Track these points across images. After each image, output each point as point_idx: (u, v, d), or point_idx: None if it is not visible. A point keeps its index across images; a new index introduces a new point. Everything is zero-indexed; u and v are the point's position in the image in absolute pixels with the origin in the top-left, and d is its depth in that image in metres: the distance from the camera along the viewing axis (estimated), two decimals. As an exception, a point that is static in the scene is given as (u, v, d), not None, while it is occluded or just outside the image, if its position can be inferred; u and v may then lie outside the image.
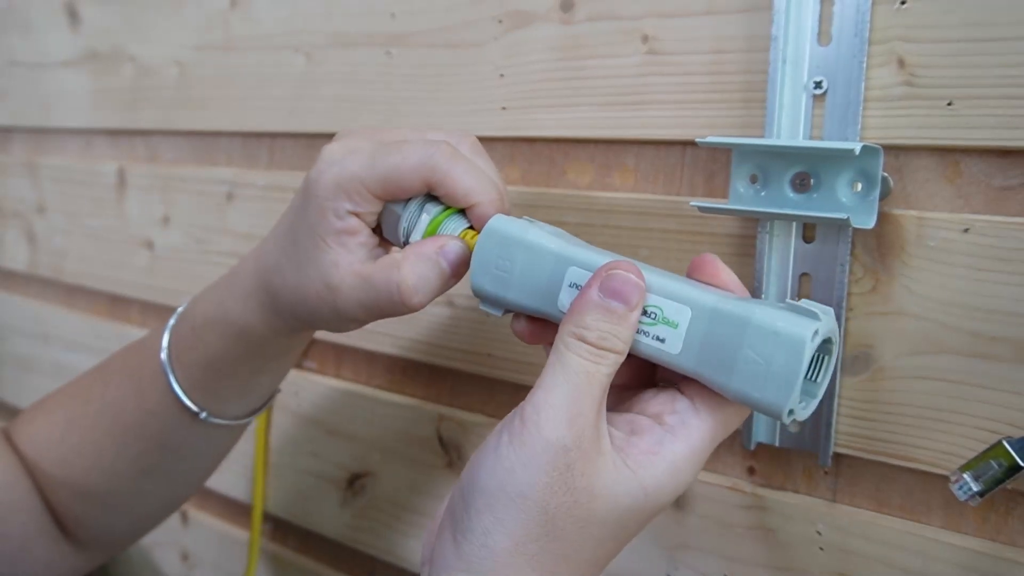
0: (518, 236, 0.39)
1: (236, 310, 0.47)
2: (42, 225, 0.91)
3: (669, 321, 0.36)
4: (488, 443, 0.36)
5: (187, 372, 0.49)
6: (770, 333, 0.33)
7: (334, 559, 0.69)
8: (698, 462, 0.36)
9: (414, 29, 0.58)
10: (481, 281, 0.40)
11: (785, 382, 0.33)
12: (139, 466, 0.52)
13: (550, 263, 0.38)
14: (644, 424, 0.36)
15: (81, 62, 0.84)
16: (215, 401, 0.50)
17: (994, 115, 0.38)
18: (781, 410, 0.33)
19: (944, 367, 0.41)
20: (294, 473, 0.70)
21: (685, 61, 0.47)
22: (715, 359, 0.35)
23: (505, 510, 0.34)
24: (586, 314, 0.35)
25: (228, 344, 0.48)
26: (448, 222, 0.42)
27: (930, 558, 0.42)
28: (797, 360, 0.33)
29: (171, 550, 0.82)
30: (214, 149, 0.75)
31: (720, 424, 0.37)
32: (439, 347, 0.59)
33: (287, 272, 0.44)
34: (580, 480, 0.34)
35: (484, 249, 0.40)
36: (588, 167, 0.52)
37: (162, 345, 0.50)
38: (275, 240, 0.46)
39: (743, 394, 0.34)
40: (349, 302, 0.42)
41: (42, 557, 0.53)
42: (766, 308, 0.34)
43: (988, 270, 0.39)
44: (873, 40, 0.41)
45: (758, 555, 0.47)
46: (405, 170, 0.41)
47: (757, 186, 0.43)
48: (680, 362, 0.36)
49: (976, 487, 0.38)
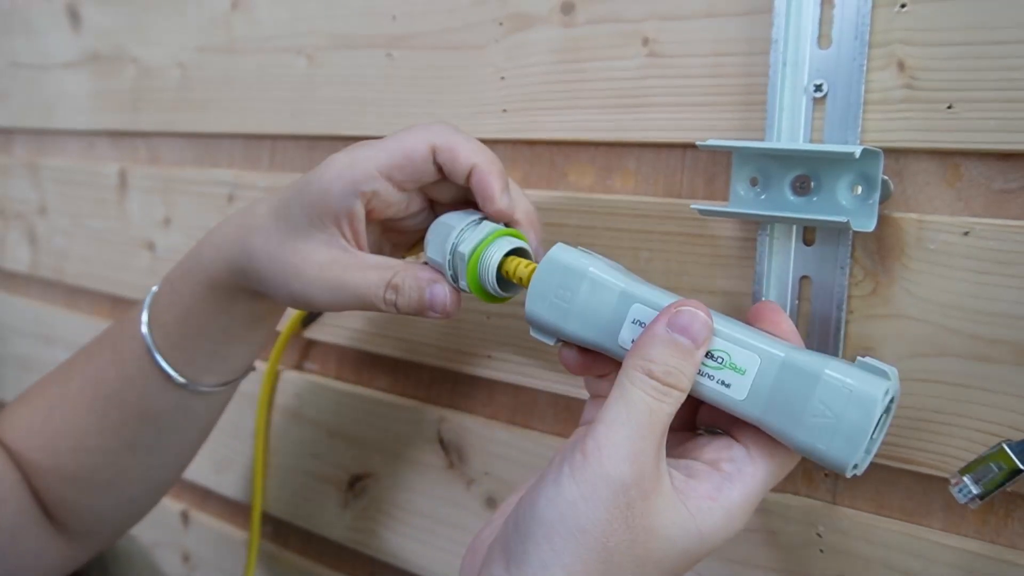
0: (582, 269, 0.39)
1: (209, 259, 0.48)
2: (44, 226, 0.91)
3: (736, 367, 0.36)
4: (547, 475, 0.36)
5: (163, 331, 0.50)
6: (842, 389, 0.34)
7: (335, 560, 0.69)
8: (751, 509, 0.37)
9: (415, 31, 0.58)
10: (538, 309, 0.40)
11: (853, 438, 0.34)
12: (121, 438, 0.52)
13: (614, 298, 0.39)
14: (702, 470, 0.37)
15: (83, 64, 0.84)
16: (189, 366, 0.51)
17: (994, 118, 0.39)
18: (846, 465, 0.34)
19: (944, 370, 0.41)
20: (295, 474, 0.70)
21: (686, 63, 0.47)
22: (782, 409, 0.35)
23: (564, 544, 0.34)
24: (652, 348, 0.36)
25: (198, 295, 0.49)
26: (492, 245, 0.42)
27: (930, 560, 0.42)
28: (868, 418, 0.34)
29: (172, 551, 0.82)
30: (215, 151, 0.75)
31: (772, 472, 0.37)
32: (440, 349, 0.60)
33: (272, 238, 0.45)
34: (640, 519, 0.34)
35: (544, 277, 0.40)
36: (589, 169, 0.52)
37: (143, 312, 0.51)
38: (267, 208, 0.46)
39: (808, 445, 0.35)
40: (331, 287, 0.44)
41: (32, 548, 0.53)
42: (838, 363, 0.35)
43: (988, 273, 0.39)
44: (873, 43, 0.41)
45: (759, 557, 0.47)
46: (411, 142, 0.43)
47: (757, 189, 0.43)
48: (744, 408, 0.36)
49: (976, 490, 0.38)
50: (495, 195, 0.43)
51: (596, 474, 0.34)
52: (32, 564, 0.54)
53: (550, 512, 0.35)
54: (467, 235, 0.43)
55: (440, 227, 0.44)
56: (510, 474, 0.57)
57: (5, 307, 0.97)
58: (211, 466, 0.76)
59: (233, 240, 0.47)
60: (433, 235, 0.44)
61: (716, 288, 0.47)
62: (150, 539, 0.84)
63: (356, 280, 0.43)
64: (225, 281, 0.48)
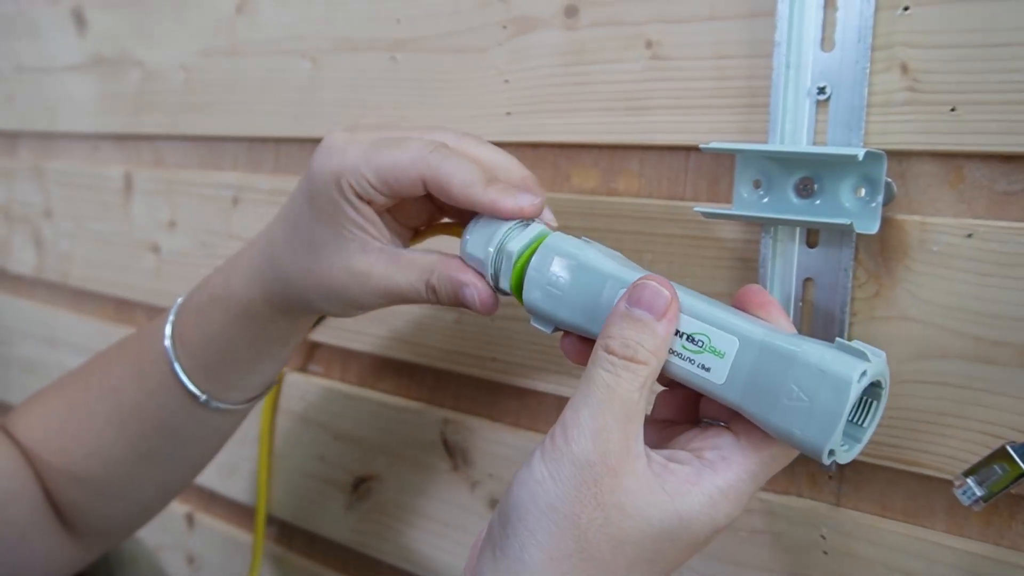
0: (572, 254, 0.40)
1: (241, 288, 0.48)
2: (49, 229, 0.91)
3: (716, 350, 0.36)
4: (524, 462, 0.36)
5: (189, 352, 0.50)
6: (816, 371, 0.33)
7: (339, 562, 0.69)
8: (737, 498, 0.36)
9: (419, 34, 0.59)
10: (533, 297, 0.40)
11: (827, 422, 0.33)
12: (138, 451, 0.52)
13: (602, 283, 0.38)
14: (683, 456, 0.37)
15: (88, 67, 0.84)
16: (215, 384, 0.51)
17: (997, 120, 0.39)
18: (821, 450, 0.33)
19: (948, 372, 0.41)
20: (300, 476, 0.70)
21: (689, 66, 0.47)
22: (759, 393, 0.34)
23: (537, 523, 0.34)
24: (612, 325, 0.36)
25: (230, 321, 0.49)
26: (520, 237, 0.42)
27: (934, 562, 0.42)
28: (842, 400, 0.33)
29: (176, 553, 0.82)
30: (220, 154, 0.75)
31: (762, 463, 0.36)
32: (444, 351, 0.60)
33: (301, 258, 0.45)
34: (609, 496, 0.34)
35: (538, 265, 0.40)
36: (593, 172, 0.53)
37: (166, 328, 0.50)
38: (284, 226, 0.46)
39: (784, 430, 0.34)
40: (375, 291, 0.44)
41: (42, 546, 0.53)
42: (815, 345, 0.34)
43: (991, 275, 0.39)
44: (876, 46, 0.41)
45: (763, 559, 0.47)
46: (402, 164, 0.42)
47: (761, 191, 0.44)
48: (723, 392, 0.36)
49: (979, 492, 0.38)
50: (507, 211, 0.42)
51: (562, 453, 0.35)
52: (41, 562, 0.54)
53: (523, 494, 0.35)
54: (514, 234, 0.42)
55: (484, 223, 0.42)
56: (514, 476, 0.57)
57: (11, 310, 0.97)
58: (216, 469, 0.76)
59: (261, 268, 0.47)
60: (475, 231, 0.43)
61: (719, 290, 0.47)
62: (155, 541, 0.85)
63: (399, 281, 0.43)
64: (261, 308, 0.48)
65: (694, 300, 0.37)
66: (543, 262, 0.40)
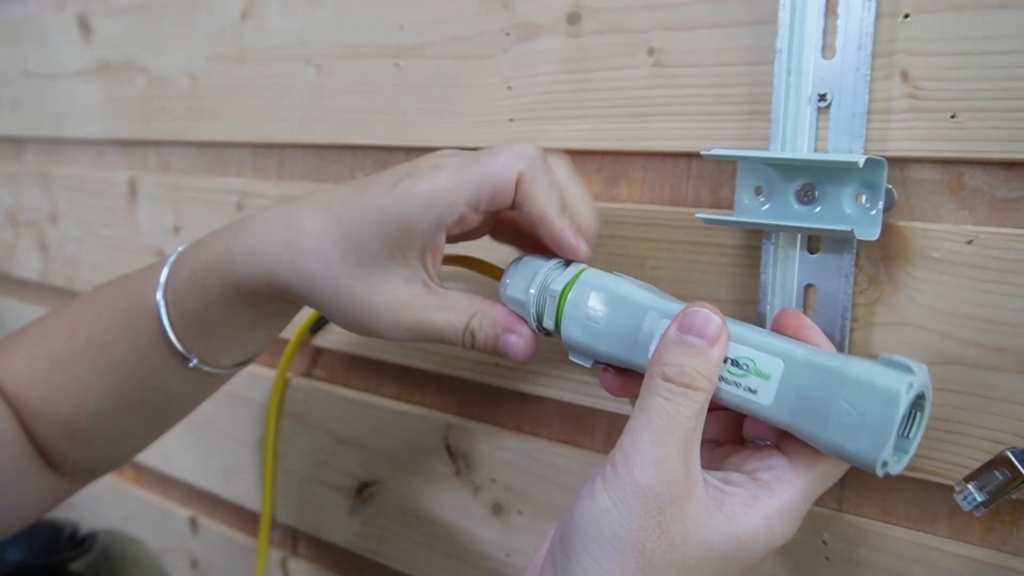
0: (609, 288, 0.41)
1: (243, 264, 0.46)
2: (55, 234, 0.92)
3: (761, 372, 0.36)
4: (585, 487, 0.37)
5: (182, 315, 0.48)
6: (866, 386, 0.34)
7: (343, 567, 0.69)
8: (793, 518, 0.37)
9: (423, 41, 0.59)
10: (571, 332, 0.41)
11: (880, 434, 0.34)
12: (124, 403, 0.52)
13: (640, 315, 0.39)
14: (739, 479, 0.37)
15: (94, 73, 0.85)
16: (206, 349, 0.50)
17: (998, 127, 0.39)
18: (875, 462, 0.34)
19: (949, 378, 0.41)
20: (303, 481, 0.70)
21: (691, 73, 0.47)
22: (809, 411, 0.35)
23: (601, 551, 0.35)
24: (665, 352, 0.37)
25: (227, 293, 0.47)
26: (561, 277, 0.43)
27: (935, 568, 0.42)
28: (892, 412, 0.33)
29: (180, 557, 0.82)
30: (225, 159, 0.76)
31: (814, 482, 0.37)
32: (447, 357, 0.60)
33: (338, 268, 0.43)
34: (673, 523, 0.35)
35: (576, 301, 0.41)
36: (596, 178, 0.53)
37: (159, 284, 0.49)
38: (325, 229, 0.44)
39: (836, 445, 0.35)
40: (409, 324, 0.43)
41: (29, 488, 0.53)
42: (861, 362, 0.35)
43: (992, 281, 0.39)
44: (877, 53, 0.41)
45: (765, 565, 0.47)
46: (500, 172, 0.41)
47: (762, 198, 0.44)
48: (772, 414, 0.36)
49: (980, 497, 0.38)
50: (566, 246, 0.43)
51: (625, 482, 0.35)
52: (27, 502, 0.54)
53: (587, 522, 0.36)
54: (556, 274, 0.43)
55: (526, 264, 0.44)
56: (517, 481, 0.57)
57: (17, 314, 0.98)
58: (220, 473, 0.77)
59: (276, 256, 0.45)
60: (517, 272, 0.44)
61: (721, 297, 0.47)
62: (159, 545, 0.85)
63: (437, 320, 0.43)
64: (262, 291, 0.46)
65: (735, 325, 0.38)
66: (580, 297, 0.41)
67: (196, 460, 0.79)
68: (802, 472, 0.37)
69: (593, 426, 0.54)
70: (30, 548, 0.85)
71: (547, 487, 0.55)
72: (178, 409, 0.55)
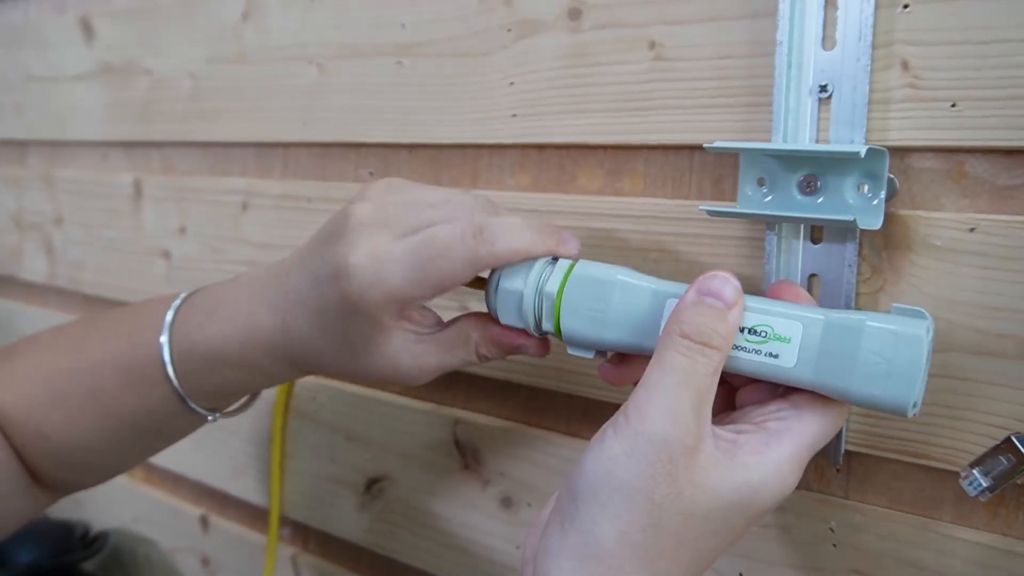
0: (610, 277, 0.41)
1: (267, 363, 0.48)
2: (60, 237, 0.92)
3: (781, 337, 0.37)
4: (594, 439, 0.37)
5: (199, 392, 0.50)
6: (887, 334, 0.35)
7: (353, 562, 0.70)
8: (799, 465, 0.38)
9: (424, 39, 0.59)
10: (574, 325, 0.42)
11: (908, 377, 0.35)
12: (126, 446, 0.53)
13: (647, 299, 0.40)
14: (749, 429, 0.38)
15: (96, 76, 0.85)
16: (221, 406, 0.53)
17: (998, 116, 0.39)
18: (907, 403, 0.35)
19: (952, 365, 0.41)
20: (313, 478, 0.71)
21: (691, 67, 0.48)
22: (834, 367, 0.36)
23: (610, 498, 0.35)
24: (684, 312, 0.37)
25: (252, 380, 0.50)
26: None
27: (942, 553, 0.42)
28: (918, 355, 0.35)
29: (191, 555, 0.83)
30: (228, 160, 0.76)
31: (820, 430, 0.38)
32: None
33: (341, 358, 0.45)
34: (684, 473, 0.35)
35: (572, 295, 0.42)
36: (598, 173, 0.53)
37: (166, 360, 0.49)
38: (308, 321, 0.45)
39: (867, 395, 0.36)
40: (427, 375, 0.46)
41: (19, 506, 0.54)
42: (876, 314, 0.36)
43: (994, 268, 0.40)
44: (877, 44, 0.41)
45: (772, 553, 0.47)
46: (455, 270, 0.42)
47: (764, 189, 0.44)
48: (796, 375, 0.37)
49: (986, 482, 0.39)
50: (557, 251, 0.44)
51: (637, 431, 0.35)
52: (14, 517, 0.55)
53: (596, 470, 0.36)
54: (547, 275, 0.43)
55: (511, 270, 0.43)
56: (526, 475, 0.57)
57: (23, 317, 0.98)
58: (229, 471, 0.77)
59: (287, 353, 0.47)
60: (506, 278, 0.43)
61: (726, 288, 0.47)
62: (170, 544, 0.85)
63: (450, 362, 0.46)
64: (296, 376, 0.50)
65: (747, 298, 0.38)
66: (578, 290, 0.41)
67: (206, 459, 0.79)
68: (808, 418, 0.38)
69: (600, 418, 0.54)
70: (41, 548, 0.85)
71: (556, 479, 0.56)
72: (176, 440, 0.56)
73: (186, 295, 0.51)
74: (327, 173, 0.68)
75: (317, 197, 0.67)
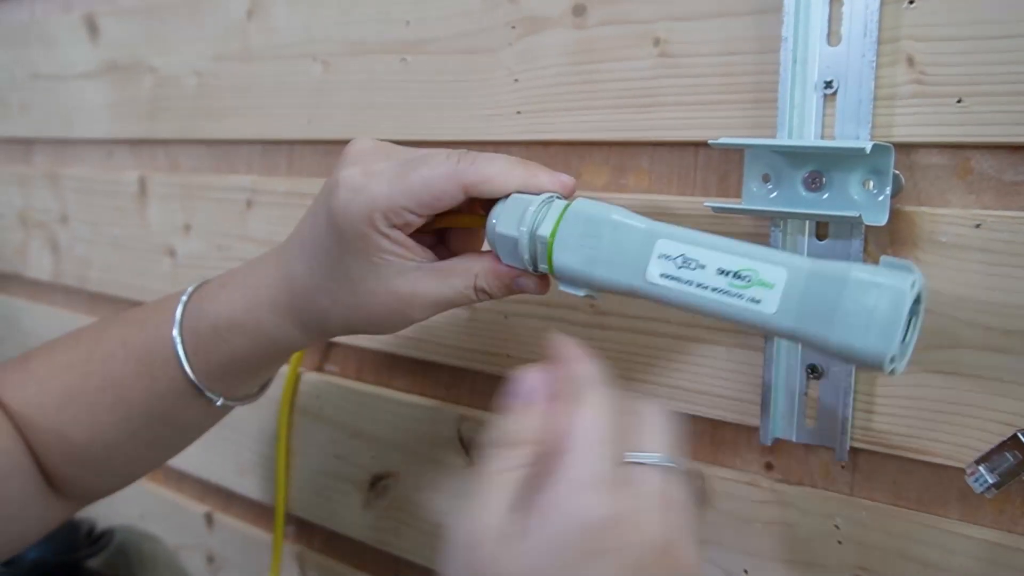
0: (604, 214, 0.41)
1: (271, 323, 0.48)
2: (65, 235, 0.93)
3: (764, 282, 0.37)
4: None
5: (205, 366, 0.50)
6: (871, 285, 0.34)
7: (358, 559, 0.70)
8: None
9: (429, 36, 0.59)
10: (566, 259, 0.41)
11: (887, 330, 0.34)
12: (139, 438, 0.53)
13: (639, 237, 0.40)
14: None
15: (101, 74, 0.85)
16: (229, 389, 0.52)
17: (1004, 111, 0.39)
18: (883, 356, 0.34)
19: (958, 361, 0.41)
20: (317, 475, 0.71)
21: (697, 63, 0.48)
22: (814, 315, 0.35)
23: None
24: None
25: (256, 348, 0.49)
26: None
27: (948, 550, 0.42)
28: (899, 308, 0.34)
29: (197, 553, 0.83)
30: (233, 157, 0.76)
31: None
32: (458, 349, 0.60)
33: (338, 293, 0.45)
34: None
35: (568, 229, 0.41)
36: (603, 169, 0.53)
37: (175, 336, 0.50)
38: (307, 263, 0.46)
39: (845, 344, 0.35)
40: (424, 307, 0.45)
41: (36, 514, 0.54)
42: (863, 265, 0.36)
43: (1000, 264, 0.40)
44: (882, 39, 0.41)
45: (777, 549, 0.47)
46: (437, 179, 0.42)
47: (770, 185, 0.44)
48: (776, 321, 0.36)
49: (992, 479, 0.39)
50: (548, 186, 0.43)
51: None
52: (35, 527, 0.55)
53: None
54: (542, 215, 0.42)
55: (510, 206, 0.43)
56: (530, 471, 0.57)
57: (29, 315, 0.99)
58: (234, 468, 0.78)
59: (290, 305, 0.47)
60: (506, 210, 0.43)
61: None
62: (175, 541, 0.86)
63: (447, 293, 0.44)
64: (296, 341, 0.49)
65: (731, 242, 0.38)
66: (572, 227, 0.41)
67: (211, 457, 0.79)
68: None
69: (605, 415, 0.55)
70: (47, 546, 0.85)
71: (560, 477, 0.56)
72: (192, 437, 0.57)
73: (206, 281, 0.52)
74: (332, 170, 0.68)
75: (322, 194, 0.67)
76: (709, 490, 0.50)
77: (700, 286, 0.38)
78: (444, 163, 0.42)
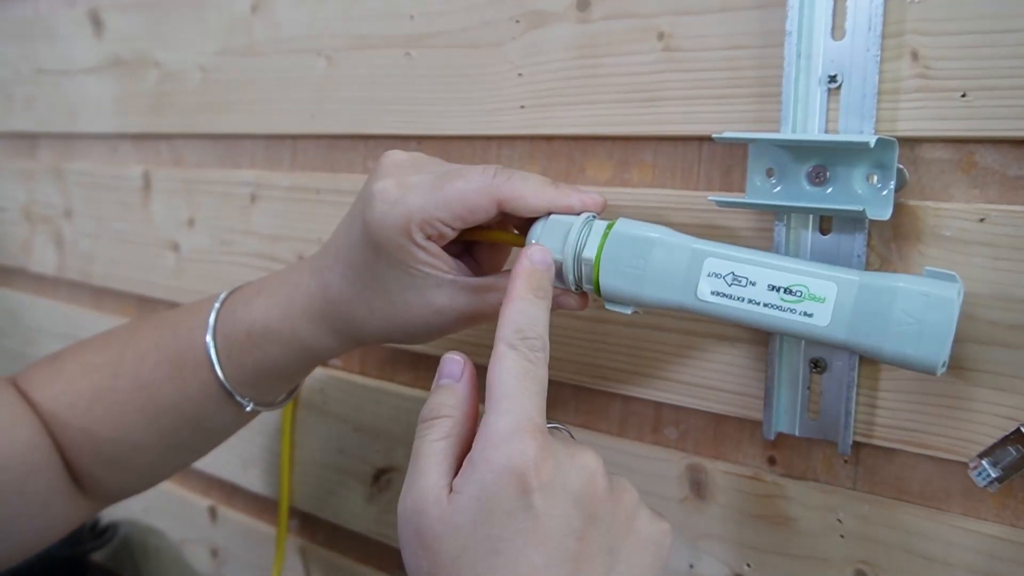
0: (649, 235, 0.42)
1: (306, 331, 0.49)
2: (70, 229, 0.93)
3: (815, 296, 0.38)
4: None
5: (238, 372, 0.51)
6: (920, 295, 0.36)
7: (362, 553, 0.70)
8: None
9: (433, 30, 0.59)
10: (613, 282, 0.42)
11: (940, 337, 0.36)
12: (167, 442, 0.54)
13: (686, 256, 0.41)
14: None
15: (106, 68, 0.85)
16: (259, 394, 0.53)
17: (1008, 106, 0.39)
18: (937, 363, 0.36)
19: (962, 356, 0.41)
20: (321, 469, 0.71)
21: (701, 57, 0.48)
22: (868, 326, 0.37)
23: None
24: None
25: (290, 356, 0.50)
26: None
27: (950, 544, 0.42)
28: (949, 316, 0.36)
29: (201, 546, 0.83)
30: (237, 152, 0.76)
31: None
32: (461, 343, 0.60)
33: (375, 304, 0.46)
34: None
35: (613, 251, 0.42)
36: (607, 163, 0.53)
37: (208, 341, 0.51)
38: (342, 273, 0.47)
39: (900, 354, 0.37)
40: (459, 320, 0.46)
41: (62, 512, 0.54)
42: (907, 276, 0.37)
43: (1004, 259, 0.40)
44: (887, 33, 0.41)
45: (780, 543, 0.47)
46: (472, 193, 0.43)
47: (774, 180, 0.44)
48: (829, 333, 0.38)
49: (994, 473, 0.39)
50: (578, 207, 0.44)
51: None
52: (60, 525, 0.55)
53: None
54: (584, 236, 0.43)
55: (549, 228, 0.44)
56: (533, 465, 0.57)
57: (34, 309, 0.99)
58: (238, 462, 0.78)
59: (324, 313, 0.48)
60: (546, 232, 0.44)
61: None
62: (179, 535, 0.86)
63: (485, 309, 0.45)
64: (331, 349, 0.50)
65: (778, 257, 0.39)
66: (617, 248, 0.42)
67: (215, 451, 0.80)
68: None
69: (608, 409, 0.55)
70: (52, 539, 0.86)
71: (563, 471, 0.56)
72: (217, 441, 0.57)
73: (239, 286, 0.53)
74: (336, 165, 0.68)
75: (326, 189, 0.67)
76: (708, 482, 0.50)
77: (751, 302, 0.39)
78: (480, 177, 0.43)
